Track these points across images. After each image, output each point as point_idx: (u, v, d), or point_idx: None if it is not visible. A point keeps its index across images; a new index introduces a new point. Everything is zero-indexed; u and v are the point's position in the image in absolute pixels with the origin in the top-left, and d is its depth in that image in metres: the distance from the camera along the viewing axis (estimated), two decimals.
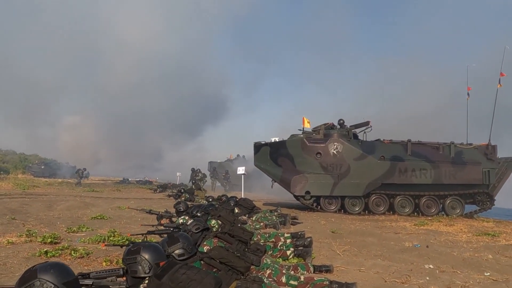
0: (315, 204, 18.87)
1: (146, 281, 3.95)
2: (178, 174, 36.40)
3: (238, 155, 43.77)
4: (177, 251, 5.00)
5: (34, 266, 3.10)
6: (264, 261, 6.27)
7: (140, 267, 4.11)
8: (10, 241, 8.27)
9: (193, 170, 32.72)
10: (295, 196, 19.72)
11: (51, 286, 2.87)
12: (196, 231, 6.90)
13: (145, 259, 4.14)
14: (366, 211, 18.45)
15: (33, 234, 8.90)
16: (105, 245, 6.94)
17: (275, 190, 22.85)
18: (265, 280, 5.22)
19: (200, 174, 32.18)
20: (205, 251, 5.90)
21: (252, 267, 5.89)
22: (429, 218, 16.69)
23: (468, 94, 20.85)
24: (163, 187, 31.05)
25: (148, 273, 4.08)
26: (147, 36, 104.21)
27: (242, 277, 5.22)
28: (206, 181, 33.69)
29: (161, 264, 4.06)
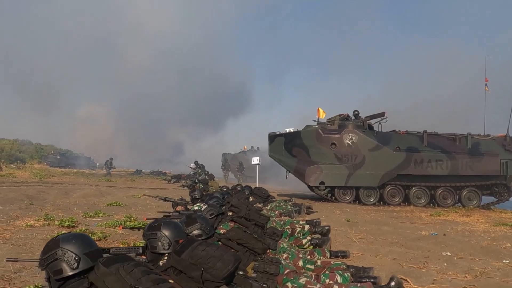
0: (329, 195, 18.81)
1: (165, 258, 3.96)
2: (191, 165, 36.43)
3: (252, 147, 43.71)
4: (195, 232, 5.00)
5: (57, 236, 3.12)
6: (281, 245, 6.26)
7: (159, 243, 4.13)
8: (28, 224, 8.36)
9: (196, 163, 32.65)
10: (310, 187, 19.69)
11: (72, 256, 2.89)
12: (211, 217, 6.91)
13: (165, 235, 4.16)
14: (381, 202, 18.35)
15: (51, 218, 8.98)
16: (122, 227, 6.98)
17: (289, 182, 22.82)
18: (282, 261, 5.21)
19: (198, 170, 31.76)
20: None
21: (268, 250, 5.88)
22: (445, 209, 16.54)
23: (486, 85, 20.59)
24: (177, 178, 31.15)
25: (167, 249, 4.09)
26: (168, 26, 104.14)
27: (259, 258, 5.22)
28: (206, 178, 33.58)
29: (180, 242, 4.06)
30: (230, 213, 7.51)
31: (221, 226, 6.48)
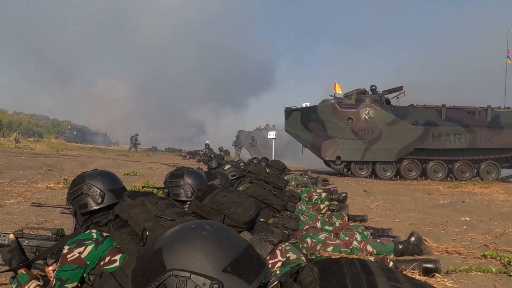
0: (345, 170, 18.76)
1: (187, 205, 3.96)
2: (207, 141, 36.54)
3: (267, 124, 43.72)
4: None
5: (83, 172, 3.13)
6: (299, 208, 6.24)
7: (182, 191, 4.13)
8: (48, 186, 8.46)
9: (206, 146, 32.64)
10: (326, 162, 19.63)
11: (97, 191, 2.90)
12: (232, 178, 6.89)
13: (188, 183, 4.16)
14: (397, 177, 18.24)
15: (70, 182, 9.05)
16: (142, 187, 7.00)
17: (304, 158, 22.76)
18: (301, 218, 5.20)
19: (206, 151, 31.73)
20: None
21: (287, 212, 5.86)
22: (463, 182, 16.39)
23: (508, 57, 20.21)
24: (193, 154, 31.26)
25: (189, 197, 4.10)
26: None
27: (278, 215, 5.21)
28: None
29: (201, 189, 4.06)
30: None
31: (240, 188, 6.48)
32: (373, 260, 1.33)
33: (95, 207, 2.90)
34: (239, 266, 1.24)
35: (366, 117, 18.45)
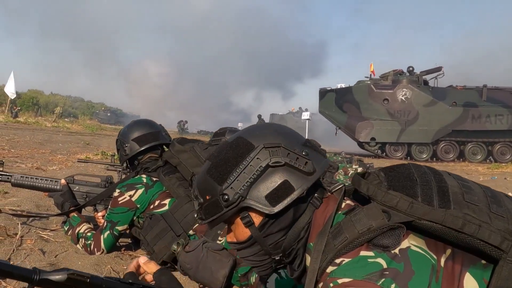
0: (379, 151, 18.57)
1: None
2: (239, 124, 36.64)
3: (300, 108, 43.50)
4: None
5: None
6: (337, 177, 6.22)
7: None
8: (88, 157, 8.62)
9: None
10: (360, 143, 19.45)
11: (124, 144, 2.99)
12: None
13: None
14: (434, 159, 17.97)
15: (108, 155, 9.23)
16: None
17: (337, 141, 22.59)
18: None
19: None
20: None
21: None
22: (504, 164, 16.01)
23: None
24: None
25: None
26: None
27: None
28: None
29: None
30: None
31: None
32: None
33: (125, 158, 2.97)
34: (312, 143, 1.34)
35: (403, 98, 18.18)
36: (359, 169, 8.10)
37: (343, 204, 1.28)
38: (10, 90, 26.77)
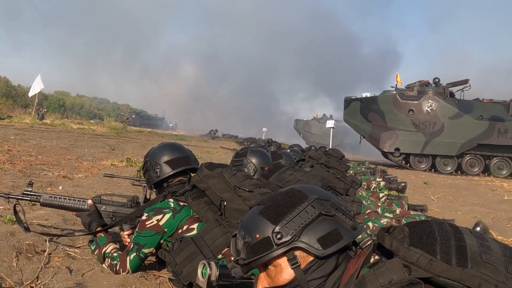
0: (404, 162, 18.45)
1: None
2: (264, 129, 36.66)
3: (324, 114, 43.44)
4: None
5: (152, 148, 3.26)
6: (360, 193, 6.21)
7: (245, 170, 4.19)
8: (113, 163, 8.76)
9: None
10: (384, 153, 19.36)
11: (155, 165, 3.03)
12: None
13: (251, 162, 4.23)
14: (458, 172, 17.76)
15: (133, 161, 9.36)
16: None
17: (361, 150, 22.47)
18: (364, 202, 5.18)
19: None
20: None
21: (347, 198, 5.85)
22: None
23: None
24: (250, 140, 31.48)
25: (252, 175, 4.15)
26: None
27: (341, 197, 5.21)
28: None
29: (266, 169, 4.12)
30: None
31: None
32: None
33: (155, 180, 3.02)
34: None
35: (428, 109, 18.05)
36: (382, 183, 8.09)
37: (372, 259, 1.34)
38: (37, 90, 27.36)
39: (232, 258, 1.43)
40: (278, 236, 1.31)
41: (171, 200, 2.86)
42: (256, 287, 1.44)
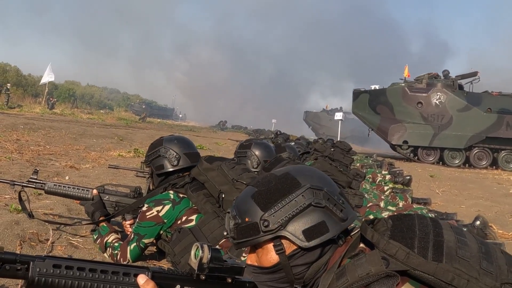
0: (412, 155, 18.42)
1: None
2: (273, 121, 36.70)
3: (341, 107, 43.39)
4: None
5: (161, 136, 3.31)
6: (363, 186, 6.25)
7: (249, 162, 4.24)
8: (120, 154, 8.86)
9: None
10: (392, 146, 19.33)
11: (173, 154, 3.05)
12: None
13: (255, 154, 4.27)
14: (467, 165, 17.71)
15: (140, 152, 9.44)
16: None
17: (369, 143, 22.44)
18: (366, 195, 5.22)
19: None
20: None
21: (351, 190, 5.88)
22: None
23: None
24: (259, 132, 31.56)
25: (255, 168, 4.20)
26: None
27: (344, 190, 5.25)
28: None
29: (268, 161, 4.16)
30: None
31: (305, 164, 6.54)
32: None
33: (171, 169, 3.05)
34: (344, 195, 1.49)
35: (437, 102, 17.99)
36: (387, 177, 8.12)
37: (357, 249, 1.39)
38: (47, 79, 27.57)
39: (225, 233, 1.48)
40: (265, 223, 1.35)
41: (171, 191, 2.93)
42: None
